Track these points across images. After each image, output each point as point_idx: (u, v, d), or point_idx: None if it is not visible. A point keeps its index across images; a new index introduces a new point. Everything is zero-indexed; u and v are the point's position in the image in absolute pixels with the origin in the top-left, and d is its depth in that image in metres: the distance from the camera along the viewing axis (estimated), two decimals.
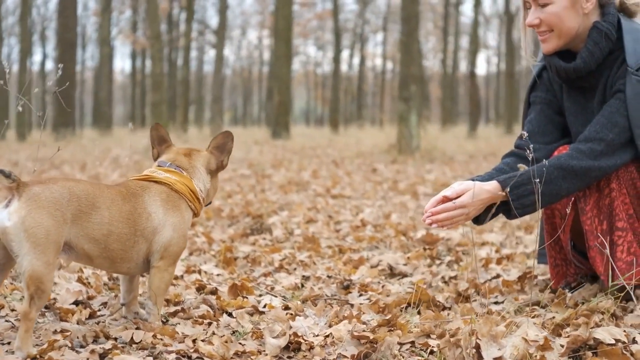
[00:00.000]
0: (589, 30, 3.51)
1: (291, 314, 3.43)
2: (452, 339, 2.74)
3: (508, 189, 3.31)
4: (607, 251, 3.33)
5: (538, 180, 3.22)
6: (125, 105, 73.30)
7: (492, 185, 3.32)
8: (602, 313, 3.22)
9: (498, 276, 4.27)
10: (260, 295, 3.90)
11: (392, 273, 4.59)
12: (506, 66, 35.54)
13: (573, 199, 3.55)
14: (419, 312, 3.56)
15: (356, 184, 10.50)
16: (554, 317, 3.24)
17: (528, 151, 3.18)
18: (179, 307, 3.46)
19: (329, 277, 4.47)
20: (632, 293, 3.21)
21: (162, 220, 3.20)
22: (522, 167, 3.13)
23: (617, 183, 3.43)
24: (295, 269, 4.68)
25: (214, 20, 65.59)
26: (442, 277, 4.36)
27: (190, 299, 3.65)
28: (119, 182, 3.38)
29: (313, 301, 3.77)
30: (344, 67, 56.65)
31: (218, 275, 4.41)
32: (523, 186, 3.29)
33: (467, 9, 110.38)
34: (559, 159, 3.35)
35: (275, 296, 3.87)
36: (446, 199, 3.37)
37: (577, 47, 3.57)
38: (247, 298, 3.74)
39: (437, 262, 4.90)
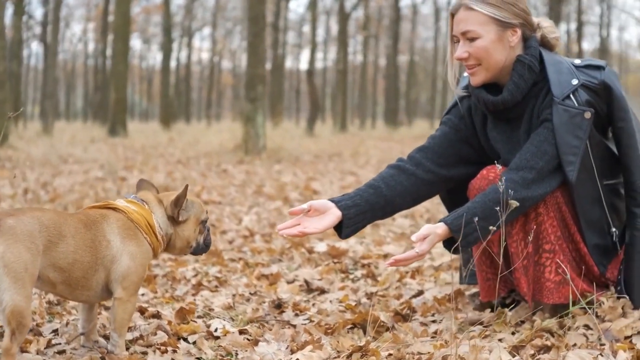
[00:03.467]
0: (514, 64, 3.69)
1: (248, 339, 3.48)
2: None
3: (455, 230, 3.47)
4: (568, 276, 3.52)
5: (477, 219, 3.41)
6: None
7: (442, 228, 3.47)
8: (549, 332, 3.41)
9: (421, 292, 4.41)
10: (199, 317, 3.92)
11: (310, 289, 4.67)
12: (338, 63, 36.00)
13: None
14: (364, 331, 3.67)
15: (220, 188, 10.51)
16: (503, 338, 3.40)
17: (500, 183, 3.34)
18: (137, 334, 3.45)
19: (251, 294, 4.52)
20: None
21: (119, 248, 3.19)
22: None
23: (544, 208, 3.62)
24: (216, 286, 4.70)
25: (38, 12, 63.87)
26: (365, 293, 4.47)
27: (143, 324, 3.64)
28: (79, 210, 3.34)
29: (261, 324, 3.82)
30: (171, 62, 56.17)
31: (143, 295, 4.39)
32: (468, 225, 3.44)
33: (294, 5, 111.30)
34: (495, 192, 3.50)
35: (218, 317, 3.89)
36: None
37: (502, 80, 3.75)
38: (196, 322, 3.75)
39: (351, 276, 5.01)
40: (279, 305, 4.20)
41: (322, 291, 4.64)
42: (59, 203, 8.20)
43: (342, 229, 3.67)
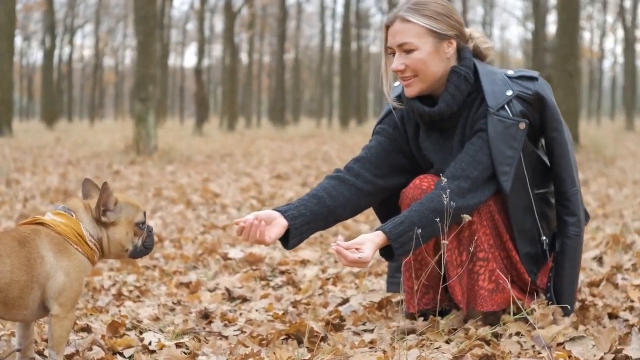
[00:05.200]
0: (449, 75, 3.72)
1: (184, 353, 3.43)
2: None
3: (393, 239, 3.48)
4: (509, 286, 3.57)
5: (419, 230, 3.42)
6: None
7: (380, 237, 3.47)
8: (483, 341, 3.46)
9: (347, 300, 4.41)
10: (128, 329, 3.85)
11: (232, 297, 4.64)
12: (227, 62, 35.86)
13: None
14: (298, 342, 3.66)
15: (118, 191, 10.26)
16: (440, 347, 3.43)
17: (445, 195, 3.36)
18: (72, 350, 3.36)
19: (174, 304, 4.45)
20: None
21: (53, 264, 3.09)
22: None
23: (477, 216, 3.67)
24: (137, 296, 4.63)
25: None
26: (290, 302, 4.45)
27: (77, 339, 3.54)
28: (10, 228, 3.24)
29: (195, 336, 3.77)
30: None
31: None
32: (405, 234, 3.46)
33: (177, 2, 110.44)
34: (432, 201, 3.53)
35: (149, 329, 3.82)
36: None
37: (437, 91, 3.77)
38: (129, 335, 3.68)
39: (271, 283, 4.99)
40: (206, 316, 4.16)
41: (245, 299, 4.60)
42: None
43: (289, 239, 3.64)
